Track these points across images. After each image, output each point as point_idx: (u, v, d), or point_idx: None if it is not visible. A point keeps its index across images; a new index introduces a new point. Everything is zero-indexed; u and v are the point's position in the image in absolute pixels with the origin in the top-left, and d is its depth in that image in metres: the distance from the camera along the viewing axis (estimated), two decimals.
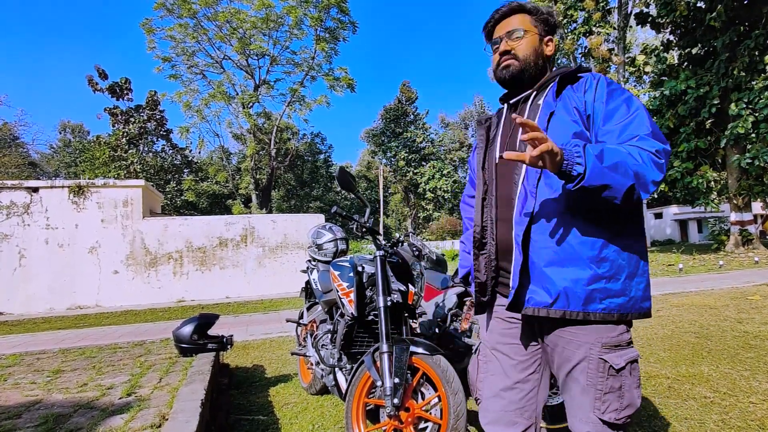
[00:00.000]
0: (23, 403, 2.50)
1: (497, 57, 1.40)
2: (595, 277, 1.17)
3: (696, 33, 14.73)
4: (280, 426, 2.75)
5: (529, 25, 1.37)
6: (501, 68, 1.38)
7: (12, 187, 10.73)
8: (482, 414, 1.41)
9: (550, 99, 1.30)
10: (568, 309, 1.19)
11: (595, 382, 1.20)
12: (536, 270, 1.22)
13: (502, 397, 1.35)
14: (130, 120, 26.75)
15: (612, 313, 1.19)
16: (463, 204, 1.71)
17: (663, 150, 1.13)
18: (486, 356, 1.43)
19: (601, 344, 1.20)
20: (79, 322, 8.52)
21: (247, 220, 12.43)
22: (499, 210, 1.35)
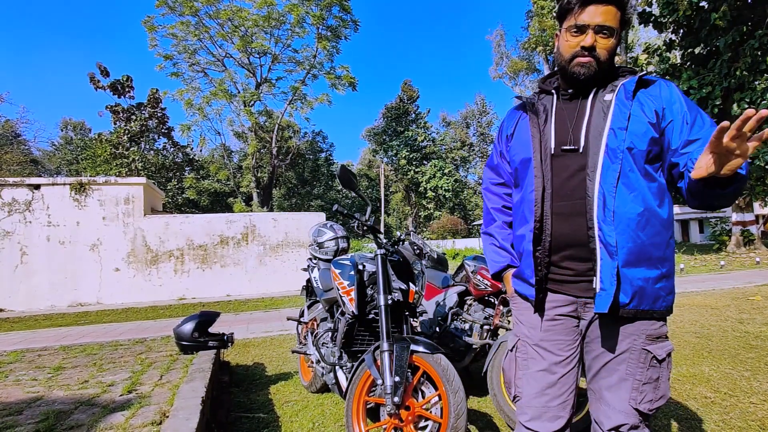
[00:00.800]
0: (24, 399, 2.50)
1: (576, 46, 1.27)
2: (660, 276, 1.24)
3: (699, 33, 14.68)
4: (281, 424, 2.76)
5: (618, 23, 1.26)
6: (578, 64, 1.27)
7: (14, 184, 10.75)
8: (523, 411, 1.37)
9: (623, 98, 1.26)
10: (640, 308, 1.23)
11: (635, 372, 1.25)
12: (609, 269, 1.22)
13: (546, 394, 1.33)
14: (131, 118, 26.74)
15: (670, 309, 1.28)
16: (487, 192, 1.61)
17: None
18: (527, 353, 1.38)
19: (645, 336, 1.26)
20: (81, 320, 8.54)
21: (248, 219, 12.44)
22: (555, 204, 1.30)
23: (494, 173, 1.59)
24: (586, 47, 1.25)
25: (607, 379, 1.29)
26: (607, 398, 1.29)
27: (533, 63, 31.10)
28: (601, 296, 1.21)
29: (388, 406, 1.95)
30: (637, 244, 1.21)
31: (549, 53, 24.23)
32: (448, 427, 1.97)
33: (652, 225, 1.22)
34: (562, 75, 1.38)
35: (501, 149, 1.53)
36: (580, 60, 1.27)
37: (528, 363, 1.38)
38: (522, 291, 1.40)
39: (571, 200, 1.27)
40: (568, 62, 1.30)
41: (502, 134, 1.53)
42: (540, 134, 1.35)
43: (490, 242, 1.55)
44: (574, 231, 1.26)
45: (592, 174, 1.24)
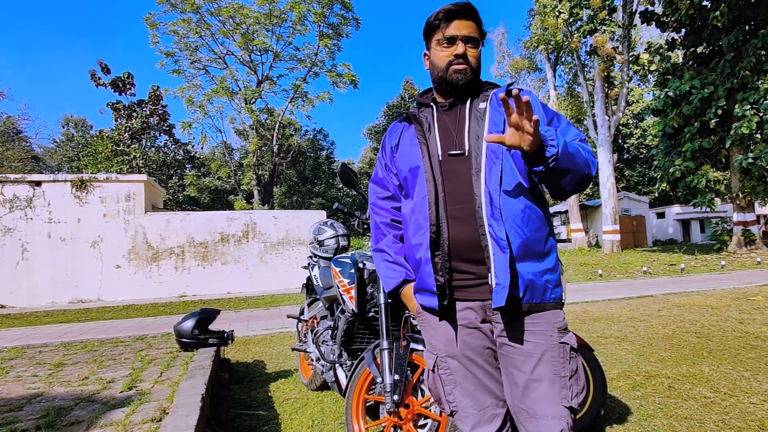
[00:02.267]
0: (25, 395, 2.51)
1: (449, 55, 1.36)
2: (545, 270, 1.28)
3: (701, 32, 14.64)
4: (280, 421, 2.76)
5: (479, 34, 1.39)
6: (455, 71, 1.36)
7: (15, 180, 10.76)
8: (463, 422, 1.36)
9: (495, 105, 1.36)
10: (532, 301, 1.26)
11: (560, 369, 1.25)
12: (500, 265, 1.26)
13: (479, 398, 1.34)
14: (132, 115, 26.75)
15: (558, 301, 1.31)
16: (375, 207, 1.57)
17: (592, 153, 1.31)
18: (449, 367, 1.36)
19: (557, 329, 1.28)
20: (81, 316, 8.56)
21: (248, 216, 12.45)
22: (450, 208, 1.31)
23: (380, 187, 1.57)
24: (460, 55, 1.35)
25: (538, 391, 1.25)
26: (542, 411, 1.24)
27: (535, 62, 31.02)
28: (497, 291, 1.22)
29: (387, 404, 1.96)
30: (523, 239, 1.25)
31: (551, 52, 24.17)
32: (447, 426, 1.97)
33: (533, 221, 1.28)
34: (439, 86, 1.44)
35: (386, 162, 1.54)
36: (456, 67, 1.36)
37: (454, 376, 1.36)
38: (427, 304, 1.36)
39: (463, 203, 1.30)
40: (444, 71, 1.38)
41: (386, 147, 1.54)
42: (426, 141, 1.38)
43: (382, 258, 1.50)
44: (470, 233, 1.28)
45: (477, 175, 1.29)
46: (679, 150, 15.16)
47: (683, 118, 15.07)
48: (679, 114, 15.05)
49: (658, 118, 16.51)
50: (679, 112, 14.99)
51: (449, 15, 1.35)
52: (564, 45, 21.90)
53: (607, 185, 18.78)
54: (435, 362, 1.39)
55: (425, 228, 1.32)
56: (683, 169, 14.89)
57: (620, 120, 19.70)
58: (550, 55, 24.39)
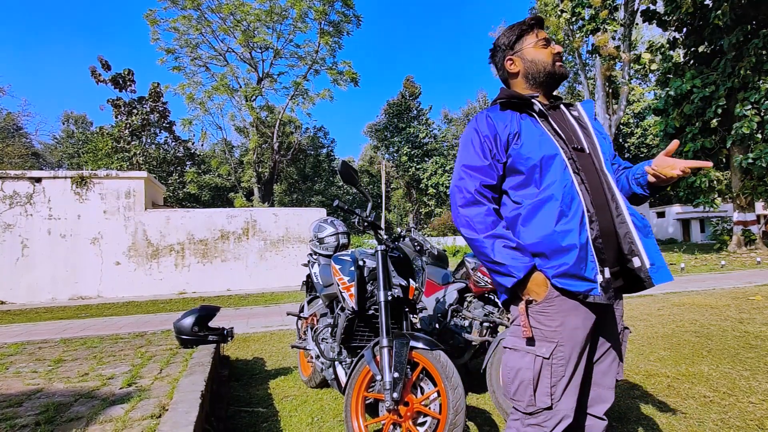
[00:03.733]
0: (24, 391, 2.51)
1: (550, 54, 1.52)
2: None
3: (703, 31, 14.60)
4: (280, 418, 2.77)
5: None
6: (561, 66, 1.52)
7: (15, 177, 10.75)
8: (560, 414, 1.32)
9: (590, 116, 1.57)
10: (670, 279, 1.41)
11: (620, 350, 1.47)
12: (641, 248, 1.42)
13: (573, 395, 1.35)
14: (133, 111, 26.71)
15: None
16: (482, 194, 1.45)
17: None
18: (564, 357, 1.31)
19: (621, 315, 1.49)
20: (81, 313, 8.57)
21: (248, 214, 12.44)
22: (593, 197, 1.38)
23: (483, 174, 1.46)
24: (559, 53, 1.53)
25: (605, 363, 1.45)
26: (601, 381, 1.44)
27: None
28: (655, 270, 1.36)
29: (387, 401, 1.96)
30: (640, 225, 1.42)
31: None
32: (446, 424, 1.97)
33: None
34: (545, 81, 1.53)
35: (495, 151, 1.45)
36: (560, 63, 1.52)
37: (565, 368, 1.32)
38: (581, 289, 1.31)
39: (599, 195, 1.40)
40: (552, 65, 1.51)
41: (500, 135, 1.44)
42: (556, 132, 1.43)
43: (502, 245, 1.37)
44: (608, 222, 1.39)
45: (602, 170, 1.44)
46: (681, 150, 15.14)
47: (684, 118, 15.05)
48: (680, 114, 15.02)
49: (660, 117, 16.48)
50: (681, 111, 14.97)
51: (539, 22, 1.55)
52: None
53: None
54: (553, 351, 1.32)
55: (577, 215, 1.33)
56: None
57: (621, 119, 19.67)
58: None
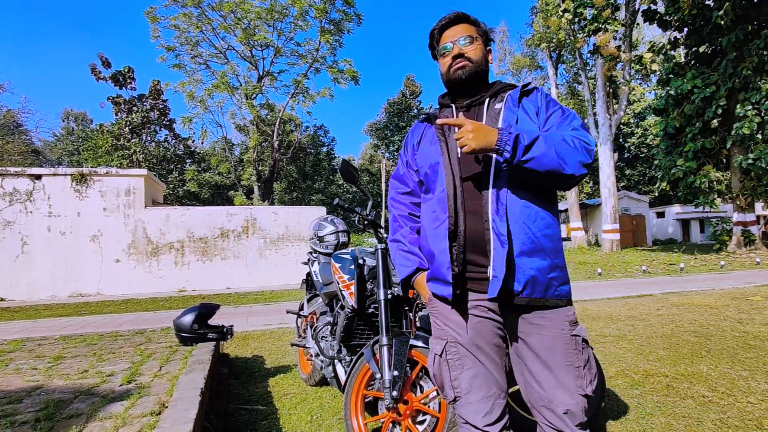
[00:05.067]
0: (24, 388, 2.51)
1: (448, 60, 1.48)
2: (552, 266, 1.34)
3: (703, 31, 14.58)
4: (279, 416, 2.77)
5: (475, 33, 1.49)
6: (455, 69, 1.46)
7: (15, 174, 10.75)
8: (464, 408, 1.41)
9: (511, 105, 1.43)
10: (533, 296, 1.32)
11: (573, 360, 1.32)
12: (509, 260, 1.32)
13: (483, 387, 1.39)
14: (133, 109, 26.69)
15: (562, 299, 1.36)
16: (393, 201, 1.66)
17: (591, 140, 1.34)
18: (458, 353, 1.42)
19: (568, 322, 1.35)
20: (81, 310, 8.57)
21: (248, 212, 12.44)
22: (467, 202, 1.38)
23: (400, 183, 1.65)
24: (456, 54, 1.46)
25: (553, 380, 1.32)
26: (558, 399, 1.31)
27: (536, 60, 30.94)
28: (492, 283, 1.29)
29: (386, 400, 1.96)
30: (529, 236, 1.32)
31: (553, 50, 24.08)
32: (446, 422, 1.98)
33: (542, 218, 1.35)
34: (452, 90, 1.54)
35: (407, 159, 1.62)
36: (455, 66, 1.46)
37: (462, 362, 1.41)
38: (440, 293, 1.41)
39: (476, 198, 1.37)
40: (447, 73, 1.49)
41: (408, 145, 1.63)
42: (446, 139, 1.46)
43: (398, 248, 1.58)
44: (480, 227, 1.35)
45: (487, 171, 1.36)
46: (681, 150, 15.14)
47: (685, 118, 15.04)
48: (680, 114, 15.02)
49: (660, 117, 16.47)
50: (681, 111, 14.96)
51: (441, 29, 1.51)
52: (567, 44, 21.83)
53: (608, 184, 18.78)
54: (444, 347, 1.45)
55: (442, 220, 1.40)
56: (685, 169, 14.87)
57: (621, 119, 19.66)
58: (552, 54, 24.30)
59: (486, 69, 1.50)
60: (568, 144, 1.29)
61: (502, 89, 1.49)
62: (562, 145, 1.28)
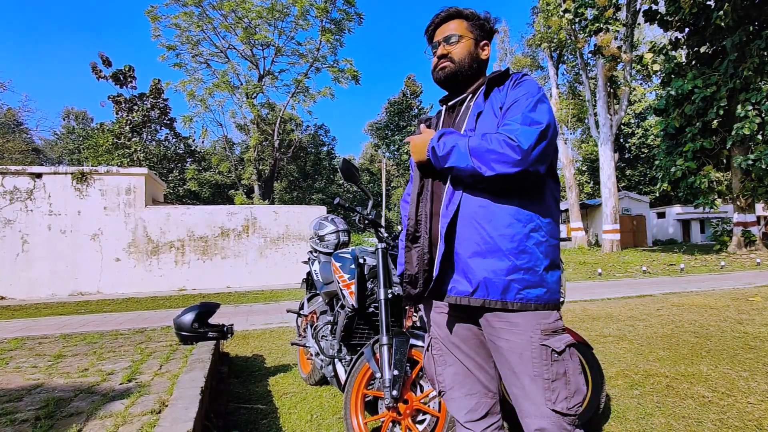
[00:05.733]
0: (24, 386, 2.51)
1: (435, 60, 1.49)
2: (513, 268, 1.24)
3: (705, 32, 14.57)
4: (279, 415, 2.77)
5: (465, 30, 1.46)
6: (437, 70, 1.48)
7: (15, 172, 10.75)
8: (450, 403, 1.45)
9: (480, 101, 1.41)
10: (487, 298, 1.26)
11: (542, 371, 1.23)
12: (460, 261, 1.30)
13: (466, 383, 1.41)
14: (133, 108, 26.69)
15: (529, 303, 1.25)
16: (402, 203, 1.70)
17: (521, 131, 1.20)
18: (440, 349, 1.47)
19: (540, 331, 1.25)
20: (81, 309, 8.57)
21: (249, 211, 12.44)
22: (434, 205, 1.40)
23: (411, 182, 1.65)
24: (440, 55, 1.47)
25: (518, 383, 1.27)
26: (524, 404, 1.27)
27: (537, 60, 30.91)
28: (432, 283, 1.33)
29: (386, 399, 1.96)
30: (482, 236, 1.26)
31: (554, 50, 24.07)
32: (445, 421, 1.98)
33: (500, 217, 1.26)
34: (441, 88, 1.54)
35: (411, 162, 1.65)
36: (438, 67, 1.47)
37: (444, 358, 1.46)
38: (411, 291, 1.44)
39: (439, 201, 1.38)
40: (432, 72, 1.51)
41: None
42: None
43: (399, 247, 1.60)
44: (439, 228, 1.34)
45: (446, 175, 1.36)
46: (681, 150, 15.13)
47: (685, 118, 15.03)
48: (681, 114, 15.01)
49: (660, 117, 16.46)
50: (681, 112, 14.95)
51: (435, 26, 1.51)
52: (568, 44, 21.81)
53: (608, 184, 18.77)
54: (429, 343, 1.51)
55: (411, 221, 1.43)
56: (684, 170, 14.87)
57: (622, 119, 19.65)
58: (552, 54, 24.29)
59: (470, 67, 1.45)
60: (487, 143, 1.22)
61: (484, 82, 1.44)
62: (480, 146, 1.23)
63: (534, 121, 1.23)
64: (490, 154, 1.21)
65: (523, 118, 1.24)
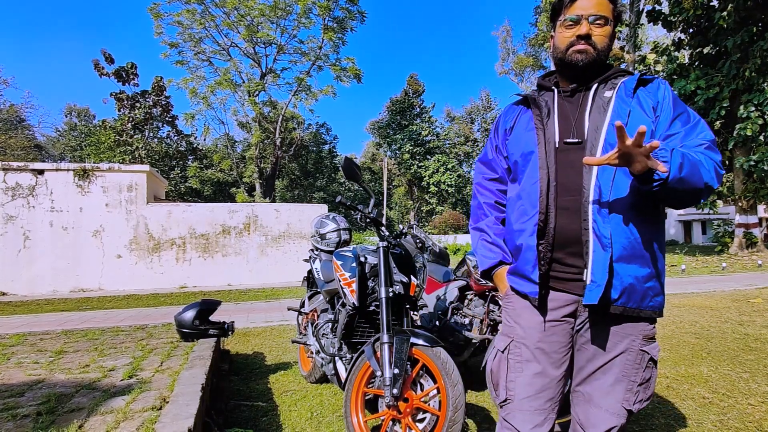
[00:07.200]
0: (26, 382, 2.52)
1: (570, 37, 1.29)
2: (651, 275, 1.22)
3: (708, 32, 14.53)
4: (279, 413, 2.78)
5: (610, 13, 1.29)
6: (576, 51, 1.28)
7: (17, 168, 10.77)
8: (515, 415, 1.33)
9: (623, 95, 1.27)
10: (628, 305, 1.22)
11: (630, 373, 1.25)
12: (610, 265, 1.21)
13: (540, 397, 1.30)
14: (135, 105, 26.70)
15: (656, 310, 1.25)
16: (480, 187, 1.56)
17: (720, 161, 1.19)
18: (521, 355, 1.33)
19: (642, 336, 1.26)
20: (82, 305, 8.59)
21: (250, 209, 12.45)
22: (560, 198, 1.26)
23: (488, 168, 1.55)
24: (582, 35, 1.27)
25: (601, 381, 1.27)
26: (598, 401, 1.27)
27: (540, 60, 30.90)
28: (591, 288, 1.19)
29: (386, 397, 1.96)
30: (630, 241, 1.20)
31: None
32: (446, 420, 1.98)
33: (644, 223, 1.22)
34: (560, 69, 1.37)
35: (497, 143, 1.51)
36: (577, 47, 1.28)
37: (522, 366, 1.33)
38: (521, 289, 1.34)
39: (573, 194, 1.25)
40: (564, 52, 1.31)
41: (499, 128, 1.50)
42: (543, 127, 1.33)
43: (481, 238, 1.50)
44: (575, 225, 1.24)
45: (589, 167, 1.23)
46: None
47: None
48: None
49: None
50: None
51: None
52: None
53: None
54: (508, 345, 1.37)
55: (531, 215, 1.30)
56: None
57: None
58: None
59: (607, 57, 1.32)
60: (705, 167, 1.12)
61: (615, 75, 1.32)
62: (702, 167, 1.12)
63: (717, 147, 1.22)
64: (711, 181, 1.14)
65: (714, 142, 1.21)
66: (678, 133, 1.22)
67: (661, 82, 1.29)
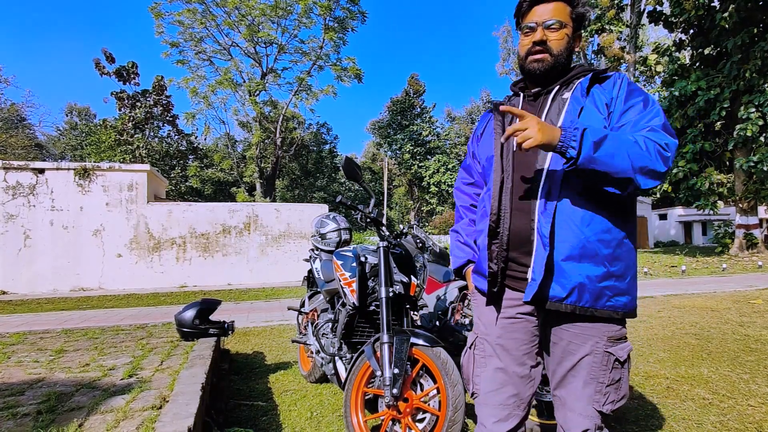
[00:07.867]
0: (26, 380, 2.52)
1: (528, 44, 1.33)
2: (607, 274, 1.22)
3: (709, 33, 14.52)
4: (279, 412, 2.78)
5: (567, 17, 1.32)
6: (532, 60, 1.33)
7: (18, 167, 10.78)
8: (481, 408, 1.39)
9: (578, 95, 1.29)
10: (579, 304, 1.22)
11: (598, 375, 1.25)
12: (554, 264, 1.23)
13: (502, 392, 1.35)
14: (136, 104, 26.72)
15: (616, 311, 1.24)
16: (458, 191, 1.65)
17: (671, 143, 1.17)
18: (485, 351, 1.39)
19: (606, 338, 1.26)
20: (82, 304, 8.59)
21: (250, 208, 12.46)
22: (515, 199, 1.31)
23: (466, 173, 1.63)
24: (537, 41, 1.31)
25: (573, 384, 1.29)
26: (571, 404, 1.29)
27: None
28: (530, 286, 1.23)
29: (386, 397, 1.96)
30: (581, 240, 1.21)
31: None
32: (445, 420, 1.98)
33: (599, 222, 1.22)
34: (524, 75, 1.42)
35: (473, 149, 1.58)
36: (533, 57, 1.33)
37: (486, 361, 1.39)
38: (478, 285, 1.41)
39: (526, 197, 1.29)
40: (524, 60, 1.36)
41: (474, 135, 1.59)
42: (503, 132, 1.37)
43: (455, 239, 1.59)
44: (526, 225, 1.27)
45: (540, 168, 1.27)
46: (681, 151, 15.10)
47: (687, 119, 14.99)
48: (683, 115, 14.97)
49: None
50: (684, 113, 14.91)
51: (529, 5, 1.33)
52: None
53: None
54: (474, 341, 1.44)
55: (487, 216, 1.35)
56: (686, 171, 14.83)
57: None
58: None
59: (567, 60, 1.35)
60: (640, 147, 1.13)
61: (577, 75, 1.35)
62: (633, 147, 1.12)
63: (671, 131, 1.19)
64: (643, 159, 1.12)
65: (665, 126, 1.19)
66: (628, 122, 1.23)
67: (618, 77, 1.31)
